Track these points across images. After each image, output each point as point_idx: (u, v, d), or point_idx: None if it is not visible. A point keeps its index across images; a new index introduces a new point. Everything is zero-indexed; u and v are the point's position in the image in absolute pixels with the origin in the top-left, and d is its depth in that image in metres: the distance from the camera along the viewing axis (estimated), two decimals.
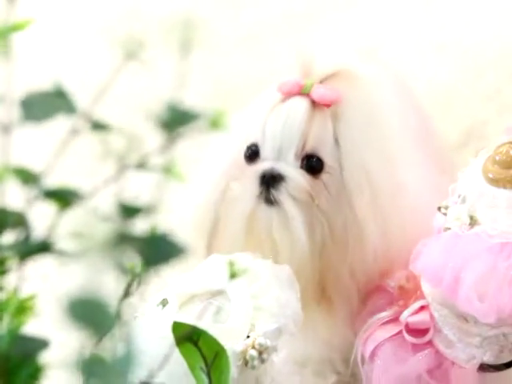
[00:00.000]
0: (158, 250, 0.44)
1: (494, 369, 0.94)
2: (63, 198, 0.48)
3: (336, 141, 0.95)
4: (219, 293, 0.89)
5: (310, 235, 0.94)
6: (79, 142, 0.50)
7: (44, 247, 0.48)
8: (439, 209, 0.93)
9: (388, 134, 1.00)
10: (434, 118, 1.36)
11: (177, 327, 0.75)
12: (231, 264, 0.58)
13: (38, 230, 0.49)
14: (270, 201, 0.94)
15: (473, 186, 0.92)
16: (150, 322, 0.85)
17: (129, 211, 0.45)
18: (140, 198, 0.46)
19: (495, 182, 0.90)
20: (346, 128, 0.96)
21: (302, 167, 0.95)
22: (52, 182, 0.49)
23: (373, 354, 0.98)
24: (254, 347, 0.84)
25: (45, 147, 1.06)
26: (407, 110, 1.13)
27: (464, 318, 0.90)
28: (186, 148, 0.72)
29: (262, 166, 0.95)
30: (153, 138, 0.47)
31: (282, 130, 0.95)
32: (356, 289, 0.98)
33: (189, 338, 0.74)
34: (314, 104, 0.95)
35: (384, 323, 0.98)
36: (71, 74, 1.57)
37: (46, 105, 0.47)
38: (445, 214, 0.92)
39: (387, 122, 1.00)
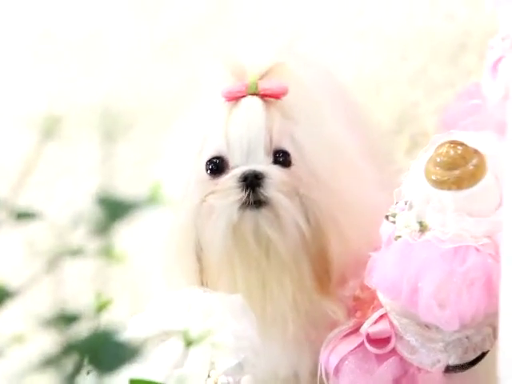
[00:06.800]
0: (107, 355, 0.41)
1: (460, 369, 0.93)
2: None
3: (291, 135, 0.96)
4: (173, 333, 0.86)
5: (304, 224, 0.93)
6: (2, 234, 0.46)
7: None
8: (387, 217, 0.91)
9: (329, 124, 1.00)
10: (365, 106, 1.35)
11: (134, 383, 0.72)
12: (185, 333, 0.55)
13: None
14: (258, 202, 0.93)
15: (418, 191, 0.90)
16: None
17: (69, 319, 0.41)
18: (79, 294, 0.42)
19: (439, 184, 0.88)
20: (297, 120, 0.96)
21: (273, 163, 0.95)
22: None
23: (337, 370, 0.96)
24: None
25: None
26: (338, 101, 1.13)
27: (425, 325, 0.89)
28: None
29: (239, 170, 0.94)
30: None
31: (247, 132, 0.94)
32: None
33: None
34: (265, 100, 0.95)
35: (345, 336, 0.97)
36: None
37: None
38: (393, 222, 0.90)
39: (326, 112, 1.01)
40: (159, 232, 0.97)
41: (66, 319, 0.41)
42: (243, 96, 0.95)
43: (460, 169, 0.88)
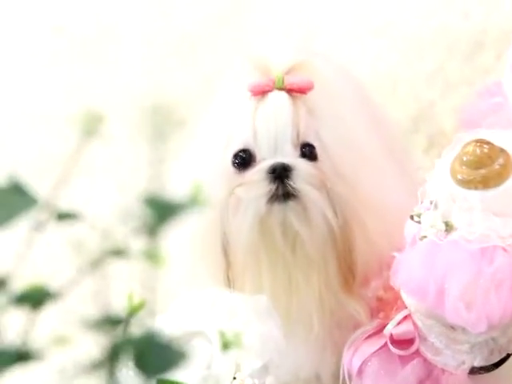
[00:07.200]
0: (155, 357, 0.40)
1: (484, 370, 0.92)
2: (35, 299, 0.44)
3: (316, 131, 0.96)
4: (198, 334, 0.85)
5: (332, 218, 0.93)
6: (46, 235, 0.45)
7: (20, 356, 0.44)
8: (412, 217, 0.90)
9: (351, 121, 1.00)
10: (381, 105, 1.34)
11: None
12: (222, 334, 0.54)
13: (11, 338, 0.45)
14: (287, 194, 0.92)
15: (443, 190, 0.89)
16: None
17: (114, 321, 0.40)
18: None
19: (466, 183, 0.87)
20: (320, 116, 0.96)
21: (300, 157, 0.95)
22: (20, 284, 0.44)
23: (360, 371, 0.95)
24: None
25: (7, 246, 0.95)
26: (358, 99, 1.12)
27: (451, 326, 0.88)
28: None
29: (266, 163, 0.94)
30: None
31: (275, 126, 0.94)
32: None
33: None
34: (290, 94, 0.95)
35: (368, 337, 0.96)
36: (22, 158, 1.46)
37: (2, 207, 0.42)
38: (418, 222, 0.89)
39: (347, 109, 1.01)
40: (185, 226, 0.96)
41: (111, 322, 0.40)
42: (269, 91, 0.95)
43: (486, 168, 0.87)
